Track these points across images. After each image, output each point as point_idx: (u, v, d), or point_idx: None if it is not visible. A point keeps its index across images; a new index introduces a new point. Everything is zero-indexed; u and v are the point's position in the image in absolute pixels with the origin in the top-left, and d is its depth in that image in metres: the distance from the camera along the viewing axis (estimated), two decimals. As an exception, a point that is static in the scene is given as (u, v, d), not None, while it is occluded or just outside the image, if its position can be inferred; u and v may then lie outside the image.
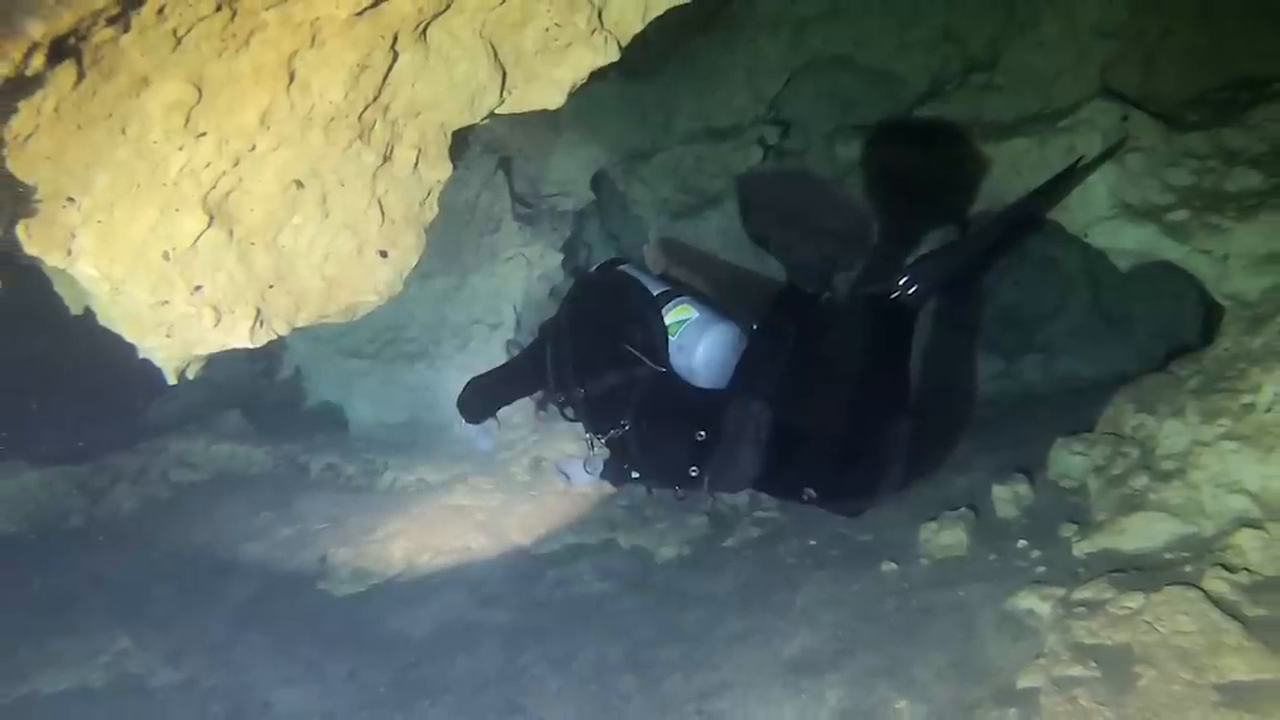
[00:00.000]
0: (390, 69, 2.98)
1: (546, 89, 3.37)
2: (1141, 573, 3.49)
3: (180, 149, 2.69)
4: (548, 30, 3.18)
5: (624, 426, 3.01)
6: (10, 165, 2.45)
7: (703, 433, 2.83)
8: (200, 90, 2.62)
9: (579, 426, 3.25)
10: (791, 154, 6.93)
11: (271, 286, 3.11)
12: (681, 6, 3.32)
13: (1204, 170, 4.56)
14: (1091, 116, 4.91)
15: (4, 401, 6.35)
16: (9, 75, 2.10)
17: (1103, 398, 4.67)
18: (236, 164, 2.84)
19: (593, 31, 3.23)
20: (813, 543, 4.93)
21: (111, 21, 2.28)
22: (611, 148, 7.13)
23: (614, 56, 3.31)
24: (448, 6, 2.92)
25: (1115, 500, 4.01)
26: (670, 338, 2.97)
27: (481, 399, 3.65)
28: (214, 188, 2.83)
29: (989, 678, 3.39)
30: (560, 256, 7.08)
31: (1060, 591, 3.58)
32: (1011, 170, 5.18)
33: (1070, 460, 4.54)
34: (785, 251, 2.96)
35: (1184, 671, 2.92)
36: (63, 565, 5.96)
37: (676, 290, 3.09)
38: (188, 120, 2.65)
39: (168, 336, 2.98)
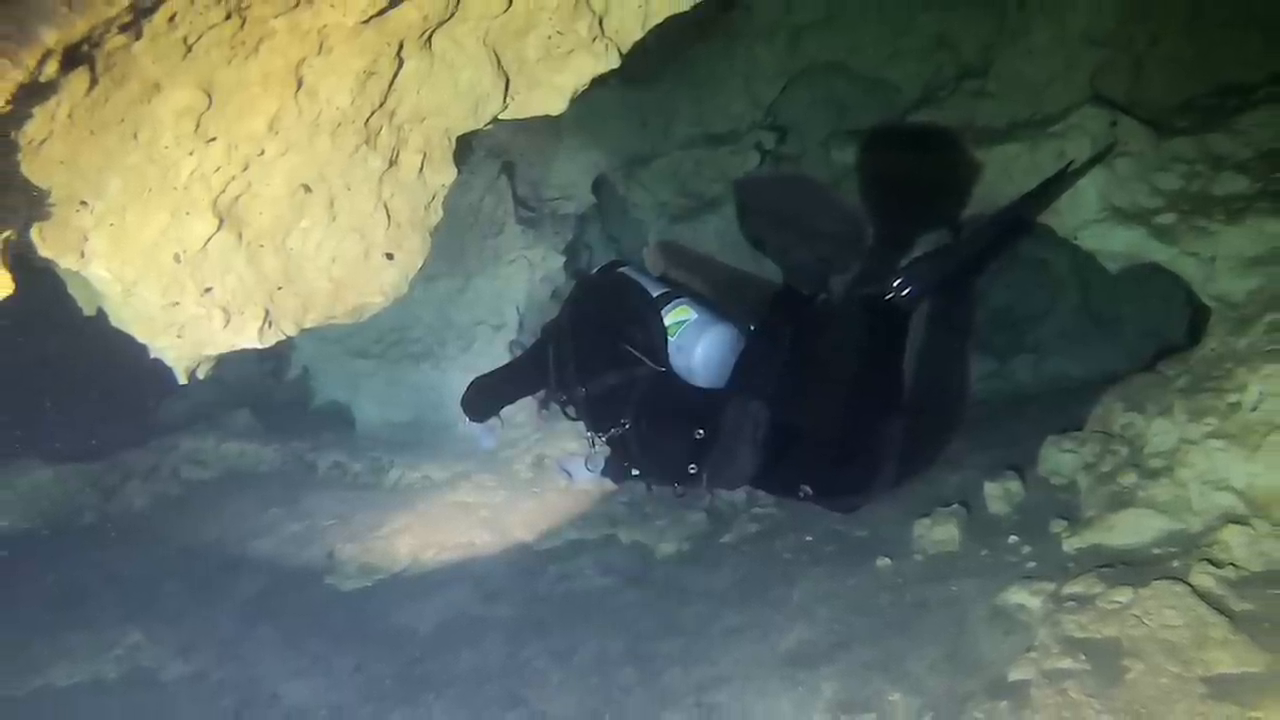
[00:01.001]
0: (396, 75, 3.04)
1: (548, 95, 3.43)
2: (1130, 568, 3.53)
3: (191, 154, 2.74)
4: (550, 38, 3.23)
5: (624, 425, 3.04)
6: (24, 170, 2.50)
7: (701, 431, 2.86)
8: (210, 96, 2.67)
9: (580, 425, 3.28)
10: (788, 159, 6.97)
11: (280, 288, 3.17)
12: (681, 14, 3.37)
13: (1192, 174, 4.59)
14: (1081, 122, 4.94)
15: (18, 400, 6.40)
16: (24, 81, 2.13)
17: (1092, 397, 4.70)
18: (246, 168, 2.90)
19: (594, 39, 3.28)
20: (809, 539, 4.97)
21: (124, 29, 2.32)
22: (612, 152, 7.17)
23: (614, 63, 3.37)
24: (452, 14, 2.98)
25: (1104, 497, 4.05)
26: (670, 338, 3.01)
27: (485, 398, 3.68)
28: (223, 192, 2.90)
29: (981, 671, 3.43)
30: (562, 259, 7.11)
31: (1050, 586, 3.62)
32: (1003, 175, 5.21)
33: (1060, 458, 4.57)
34: (782, 254, 3.00)
35: (1171, 665, 2.97)
36: (76, 561, 6.00)
37: (676, 292, 3.13)
38: (198, 126, 2.71)
39: (178, 337, 3.04)
